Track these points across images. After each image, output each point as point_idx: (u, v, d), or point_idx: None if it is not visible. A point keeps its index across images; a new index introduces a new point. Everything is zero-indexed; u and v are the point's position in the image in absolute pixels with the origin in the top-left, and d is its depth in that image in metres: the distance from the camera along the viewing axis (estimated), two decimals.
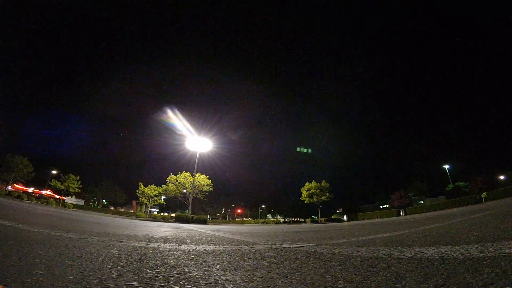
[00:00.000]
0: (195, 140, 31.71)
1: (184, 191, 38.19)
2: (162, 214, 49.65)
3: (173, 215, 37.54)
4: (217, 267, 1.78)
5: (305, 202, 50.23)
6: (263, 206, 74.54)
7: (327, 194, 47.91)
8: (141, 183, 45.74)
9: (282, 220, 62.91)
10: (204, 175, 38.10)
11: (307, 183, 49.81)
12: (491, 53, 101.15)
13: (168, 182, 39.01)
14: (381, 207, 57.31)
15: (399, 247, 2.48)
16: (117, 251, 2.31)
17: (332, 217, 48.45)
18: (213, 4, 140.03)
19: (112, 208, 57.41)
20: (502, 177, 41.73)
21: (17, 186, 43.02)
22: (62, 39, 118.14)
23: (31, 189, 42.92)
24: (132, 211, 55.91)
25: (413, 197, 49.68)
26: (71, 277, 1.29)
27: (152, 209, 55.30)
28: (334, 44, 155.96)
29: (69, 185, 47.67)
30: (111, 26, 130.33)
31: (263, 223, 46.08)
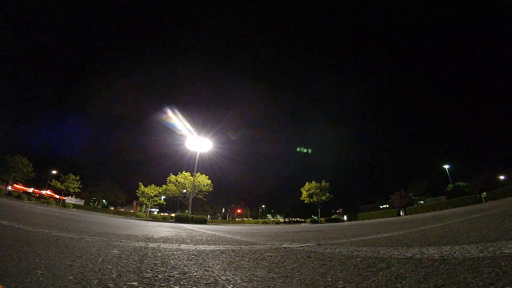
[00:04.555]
0: (195, 140, 31.71)
1: (184, 191, 38.18)
2: (162, 214, 49.65)
3: (173, 215, 37.58)
4: (217, 267, 1.78)
5: (305, 202, 50.19)
6: (263, 206, 74.53)
7: (327, 194, 47.87)
8: (141, 183, 45.70)
9: (282, 220, 62.84)
10: (204, 175, 38.08)
11: (307, 183, 49.78)
12: (491, 53, 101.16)
13: (168, 182, 38.99)
14: (381, 207, 57.28)
15: (399, 247, 2.48)
16: (117, 251, 2.31)
17: (332, 217, 48.39)
18: (214, 4, 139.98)
19: (112, 208, 57.40)
20: (502, 177, 41.76)
21: (17, 186, 43.01)
22: (63, 39, 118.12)
23: (31, 189, 42.91)
24: (132, 211, 55.88)
25: (413, 197, 49.63)
26: (71, 277, 1.29)
27: (152, 209, 55.26)
28: (334, 44, 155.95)
29: (69, 185, 47.63)
30: (111, 26, 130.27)
31: (263, 223, 46.06)
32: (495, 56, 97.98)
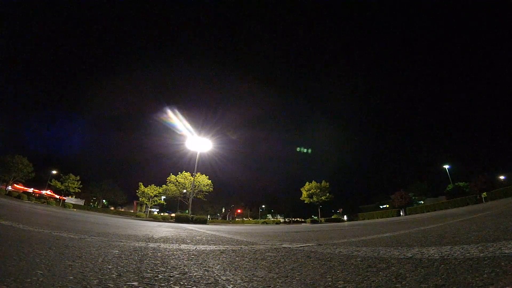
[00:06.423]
0: (195, 140, 31.72)
1: (184, 191, 38.23)
2: (162, 214, 49.68)
3: (173, 215, 37.58)
4: (217, 267, 1.78)
5: (305, 202, 50.21)
6: (263, 206, 74.45)
7: (327, 194, 47.89)
8: (141, 183, 45.75)
9: (282, 220, 62.80)
10: (204, 175, 38.14)
11: (307, 183, 49.79)
12: (491, 53, 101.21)
13: (168, 182, 39.04)
14: (381, 207, 57.24)
15: (399, 247, 2.48)
16: (117, 251, 2.31)
17: (332, 217, 48.33)
18: (214, 3, 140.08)
19: (112, 208, 57.40)
20: (502, 177, 41.75)
21: (17, 186, 43.06)
22: (63, 39, 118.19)
23: (31, 189, 42.96)
24: (132, 211, 55.89)
25: (413, 197, 49.64)
26: (71, 277, 1.29)
27: (152, 209, 55.27)
28: (334, 44, 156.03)
29: (69, 185, 47.64)
30: (112, 26, 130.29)
31: (263, 223, 46.04)
32: (495, 56, 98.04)
